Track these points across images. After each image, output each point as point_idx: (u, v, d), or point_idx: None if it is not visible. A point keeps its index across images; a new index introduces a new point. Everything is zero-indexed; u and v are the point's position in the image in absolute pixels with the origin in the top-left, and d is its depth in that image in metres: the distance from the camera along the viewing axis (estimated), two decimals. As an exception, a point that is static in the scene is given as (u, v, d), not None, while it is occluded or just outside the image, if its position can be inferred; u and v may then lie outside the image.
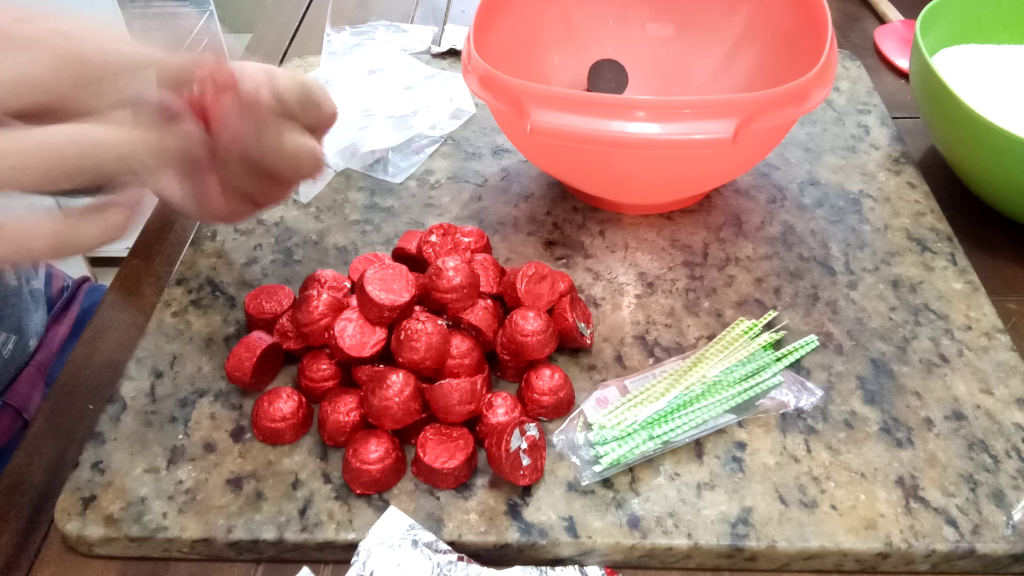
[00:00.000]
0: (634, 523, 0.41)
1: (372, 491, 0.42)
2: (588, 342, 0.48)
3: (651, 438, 0.43)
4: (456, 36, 0.79)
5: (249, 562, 0.42)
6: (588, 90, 0.66)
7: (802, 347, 0.48)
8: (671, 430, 0.43)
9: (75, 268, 1.57)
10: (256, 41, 0.84)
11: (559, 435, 0.44)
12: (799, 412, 0.46)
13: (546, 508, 0.41)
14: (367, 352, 0.44)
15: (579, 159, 0.53)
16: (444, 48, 0.77)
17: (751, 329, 0.49)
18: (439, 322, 0.44)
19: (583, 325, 0.48)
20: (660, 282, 0.54)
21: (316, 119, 0.42)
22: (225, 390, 0.47)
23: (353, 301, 0.46)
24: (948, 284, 0.53)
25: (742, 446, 0.44)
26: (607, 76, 0.65)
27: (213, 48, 0.37)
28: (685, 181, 0.56)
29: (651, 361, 0.49)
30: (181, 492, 0.42)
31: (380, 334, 0.45)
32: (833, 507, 0.41)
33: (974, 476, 0.42)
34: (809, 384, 0.47)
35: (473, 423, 0.44)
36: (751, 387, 0.45)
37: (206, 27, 1.75)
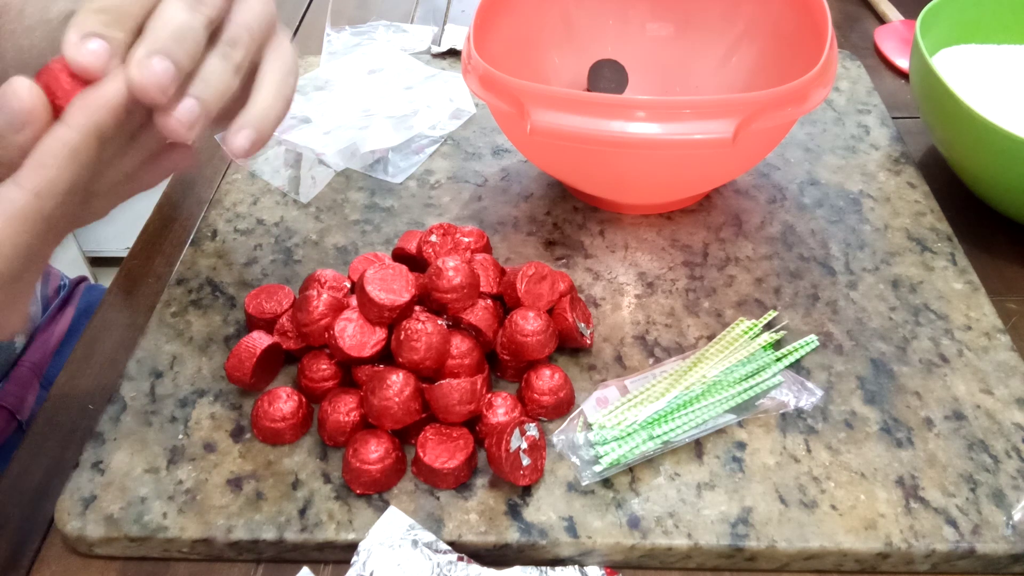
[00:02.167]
0: (634, 523, 0.41)
1: (372, 491, 0.42)
2: (588, 342, 0.48)
3: (651, 438, 0.43)
4: (456, 36, 0.79)
5: (249, 562, 0.42)
6: (588, 90, 0.66)
7: (802, 347, 0.48)
8: (671, 430, 0.43)
9: (73, 268, 1.57)
10: (256, 41, 0.84)
11: (559, 435, 0.44)
12: (799, 412, 0.46)
13: (546, 508, 0.41)
14: (367, 352, 0.44)
15: (579, 159, 0.53)
16: (444, 48, 0.77)
17: (751, 329, 0.49)
18: (439, 322, 0.44)
19: (583, 325, 0.48)
20: (660, 282, 0.54)
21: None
22: (225, 390, 0.47)
23: (353, 301, 0.46)
24: (948, 284, 0.53)
25: (742, 446, 0.44)
26: (607, 76, 0.65)
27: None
28: (685, 181, 0.56)
29: (651, 361, 0.49)
30: (181, 492, 0.42)
31: (380, 334, 0.45)
32: (833, 507, 0.41)
33: (974, 476, 0.42)
34: (809, 384, 0.47)
35: (473, 423, 0.44)
36: (751, 387, 0.45)
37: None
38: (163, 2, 0.30)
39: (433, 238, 0.52)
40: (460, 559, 0.39)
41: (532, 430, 0.42)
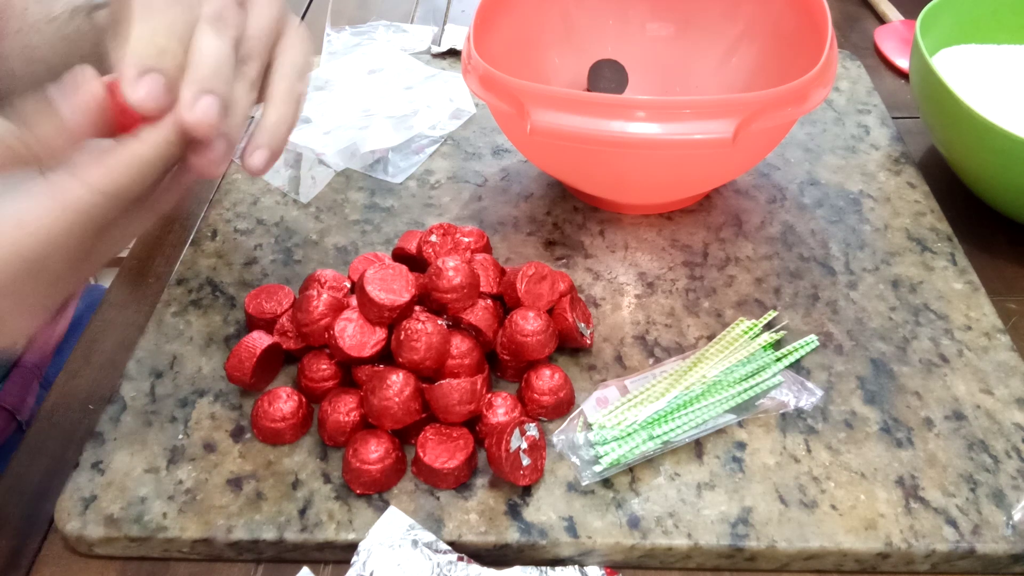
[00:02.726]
0: (634, 523, 0.41)
1: (372, 491, 0.42)
2: (588, 342, 0.48)
3: (651, 438, 0.43)
4: (456, 36, 0.79)
5: (249, 562, 0.42)
6: (588, 90, 0.66)
7: (802, 347, 0.48)
8: (671, 430, 0.43)
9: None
10: (256, 41, 0.84)
11: (559, 435, 0.44)
12: (799, 412, 0.46)
13: (546, 508, 0.41)
14: (367, 352, 0.44)
15: (579, 159, 0.53)
16: (444, 48, 0.77)
17: (751, 329, 0.49)
18: (439, 322, 0.44)
19: (583, 325, 0.48)
20: (660, 282, 0.54)
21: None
22: (225, 390, 0.47)
23: (353, 301, 0.46)
24: (948, 284, 0.53)
25: (742, 446, 0.44)
26: (607, 76, 0.65)
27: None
28: (685, 181, 0.56)
29: (651, 361, 0.49)
30: (181, 492, 0.42)
31: (380, 334, 0.45)
32: (833, 507, 0.41)
33: (974, 476, 0.42)
34: (809, 384, 0.47)
35: (473, 423, 0.44)
36: (751, 387, 0.45)
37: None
38: (196, 34, 0.31)
39: (433, 238, 0.52)
40: (460, 559, 0.39)
41: (532, 430, 0.42)
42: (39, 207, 0.29)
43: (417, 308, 0.46)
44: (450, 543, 0.40)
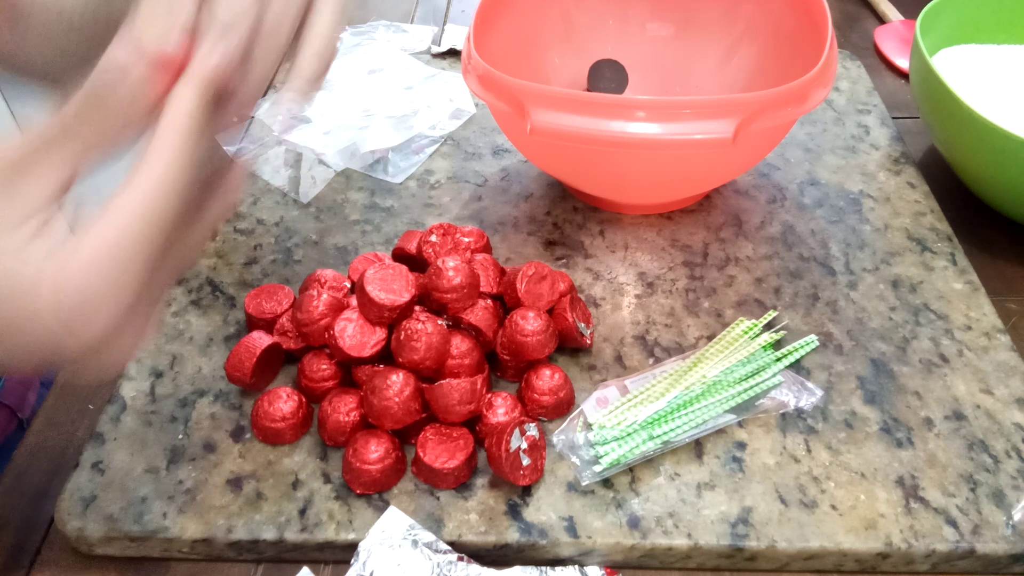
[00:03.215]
0: (634, 523, 0.41)
1: (372, 491, 0.42)
2: (588, 342, 0.48)
3: (651, 438, 0.43)
4: (456, 36, 0.79)
5: (249, 562, 0.42)
6: (588, 90, 0.66)
7: (802, 347, 0.48)
8: (671, 430, 0.43)
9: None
10: (256, 41, 0.84)
11: (559, 435, 0.44)
12: (799, 412, 0.46)
13: (546, 508, 0.41)
14: (367, 352, 0.44)
15: (579, 159, 0.53)
16: (444, 48, 0.77)
17: (751, 329, 0.49)
18: (439, 322, 0.44)
19: (583, 325, 0.48)
20: (660, 282, 0.54)
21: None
22: (225, 390, 0.47)
23: (353, 301, 0.46)
24: (948, 284, 0.53)
25: (742, 446, 0.44)
26: (607, 76, 0.65)
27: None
28: (685, 181, 0.56)
29: (651, 361, 0.49)
30: (181, 492, 0.42)
31: (380, 334, 0.45)
32: (833, 507, 0.41)
33: (974, 476, 0.42)
34: (809, 384, 0.47)
35: (473, 423, 0.44)
36: (751, 387, 0.45)
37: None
38: None
39: (433, 238, 0.52)
40: (460, 559, 0.39)
41: (532, 430, 0.42)
42: (125, 199, 0.29)
43: (417, 308, 0.46)
44: (450, 543, 0.40)
